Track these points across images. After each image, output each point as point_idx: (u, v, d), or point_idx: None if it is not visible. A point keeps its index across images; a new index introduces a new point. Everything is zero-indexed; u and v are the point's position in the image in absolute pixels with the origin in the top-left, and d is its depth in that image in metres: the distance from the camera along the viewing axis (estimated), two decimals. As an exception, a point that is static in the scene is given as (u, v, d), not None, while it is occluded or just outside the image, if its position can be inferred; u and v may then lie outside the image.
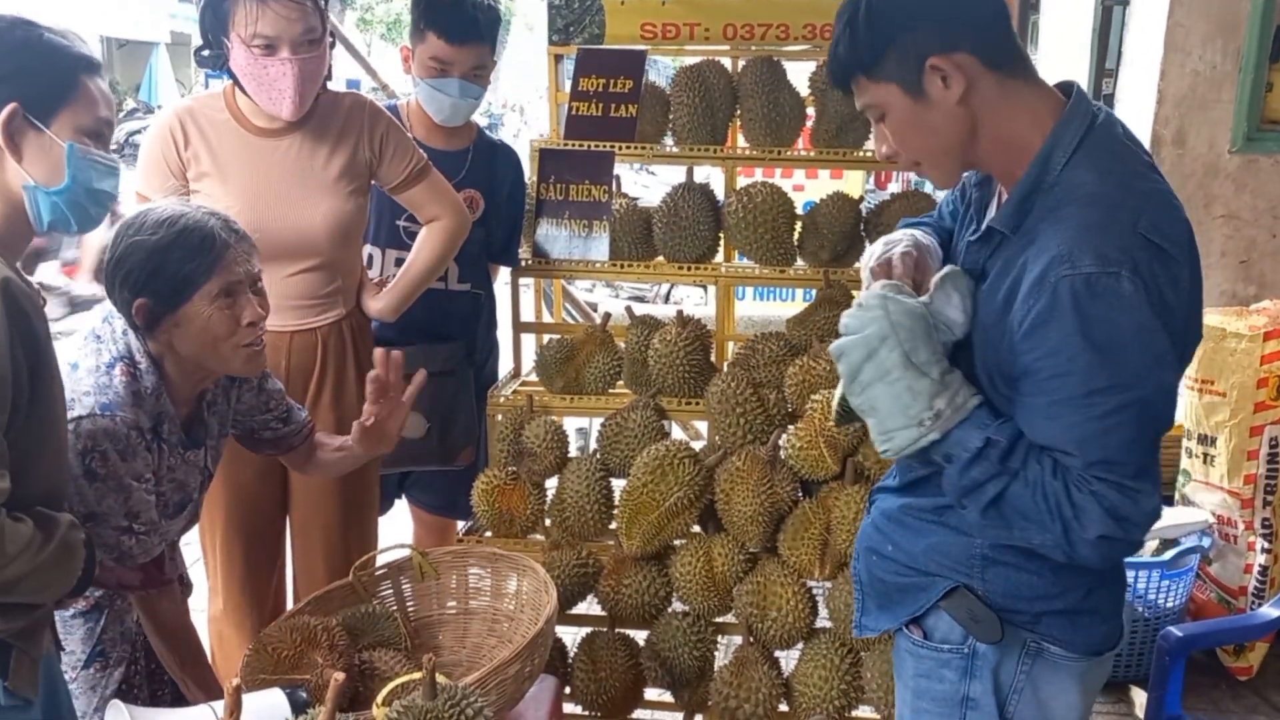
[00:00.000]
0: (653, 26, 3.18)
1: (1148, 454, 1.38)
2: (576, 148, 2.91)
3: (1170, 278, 1.36)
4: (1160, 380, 1.36)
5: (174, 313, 1.84)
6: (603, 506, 2.56)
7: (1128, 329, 1.33)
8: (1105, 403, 1.34)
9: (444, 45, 2.64)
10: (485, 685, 1.67)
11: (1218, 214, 3.86)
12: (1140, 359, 1.34)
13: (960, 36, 1.42)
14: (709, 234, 2.84)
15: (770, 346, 2.66)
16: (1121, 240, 1.34)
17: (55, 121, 1.52)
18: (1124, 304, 1.32)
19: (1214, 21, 3.72)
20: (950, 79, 1.42)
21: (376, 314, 2.57)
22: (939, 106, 1.44)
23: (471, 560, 2.15)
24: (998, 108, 1.45)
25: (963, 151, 1.48)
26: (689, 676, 2.46)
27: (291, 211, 2.35)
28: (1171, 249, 1.37)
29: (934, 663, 1.59)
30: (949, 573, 1.55)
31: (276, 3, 2.20)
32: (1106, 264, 1.33)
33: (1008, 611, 1.53)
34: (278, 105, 2.30)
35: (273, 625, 1.88)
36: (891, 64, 1.44)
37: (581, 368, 2.75)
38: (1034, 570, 1.50)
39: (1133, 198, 1.39)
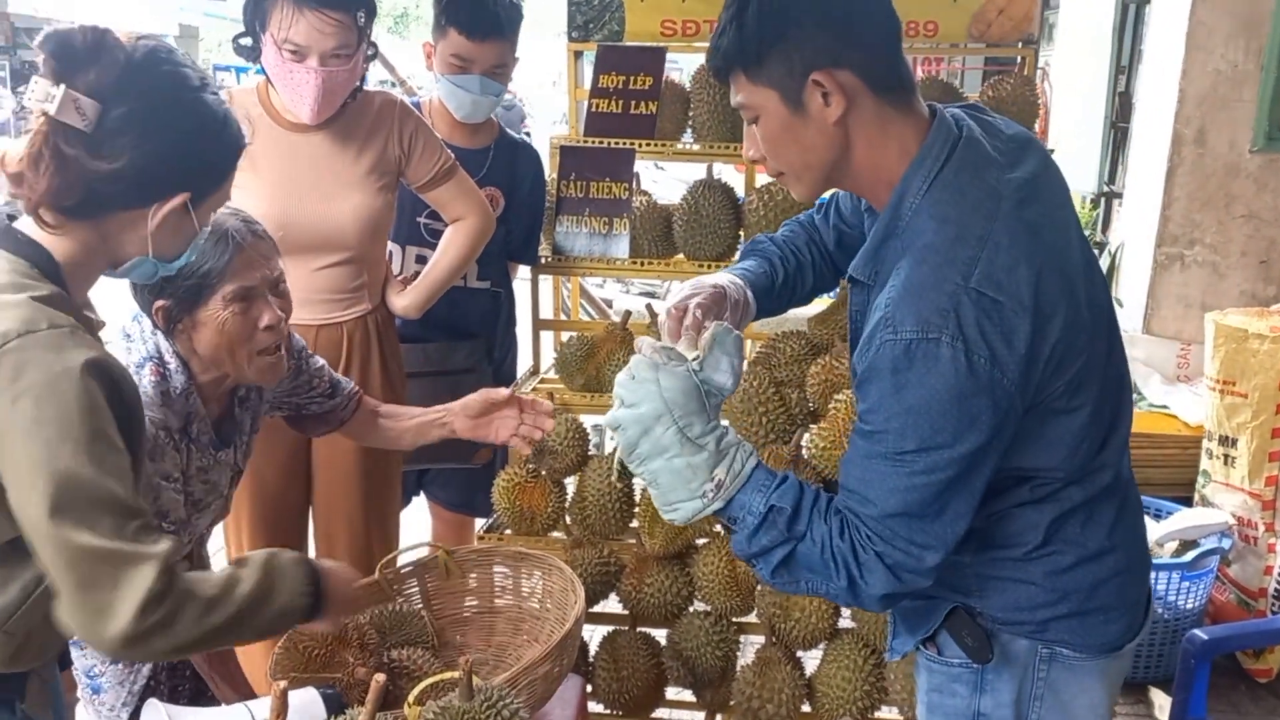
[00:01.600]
0: (673, 23, 3.17)
1: (948, 513, 1.37)
2: (597, 145, 2.90)
3: (1003, 332, 1.31)
4: (973, 445, 1.33)
5: (191, 315, 1.83)
6: (623, 505, 2.56)
7: (943, 394, 1.31)
8: (914, 463, 1.34)
9: (465, 42, 2.64)
10: (515, 685, 1.66)
11: (1238, 213, 3.85)
12: (953, 425, 1.32)
13: (849, 54, 1.37)
14: (729, 231, 2.83)
15: (792, 345, 2.66)
16: (945, 301, 1.31)
17: (202, 205, 1.50)
18: (940, 369, 1.30)
19: (1236, 20, 3.70)
20: (831, 97, 1.37)
21: (401, 311, 2.58)
22: (815, 122, 1.39)
23: (496, 559, 2.14)
24: (872, 134, 1.41)
25: (830, 171, 1.44)
26: (711, 676, 2.46)
27: (321, 205, 2.36)
28: (1007, 301, 1.31)
29: (945, 677, 1.58)
30: (948, 594, 1.54)
31: (312, 14, 2.22)
32: (927, 329, 1.31)
33: (1012, 624, 1.51)
34: (298, 109, 2.32)
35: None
36: (774, 69, 1.39)
37: (602, 365, 2.75)
38: (1028, 580, 1.49)
39: (967, 248, 1.34)
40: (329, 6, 2.22)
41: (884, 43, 1.41)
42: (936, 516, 1.36)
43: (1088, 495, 1.48)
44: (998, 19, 3.10)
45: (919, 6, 3.09)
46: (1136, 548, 1.58)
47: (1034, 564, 1.48)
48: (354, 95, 2.40)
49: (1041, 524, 1.47)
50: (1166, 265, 3.94)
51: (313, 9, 2.21)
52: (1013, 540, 1.48)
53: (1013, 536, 1.48)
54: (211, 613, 1.37)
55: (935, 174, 1.39)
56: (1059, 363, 1.37)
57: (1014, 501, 1.47)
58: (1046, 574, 1.48)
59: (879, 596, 1.40)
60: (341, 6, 2.24)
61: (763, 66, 1.39)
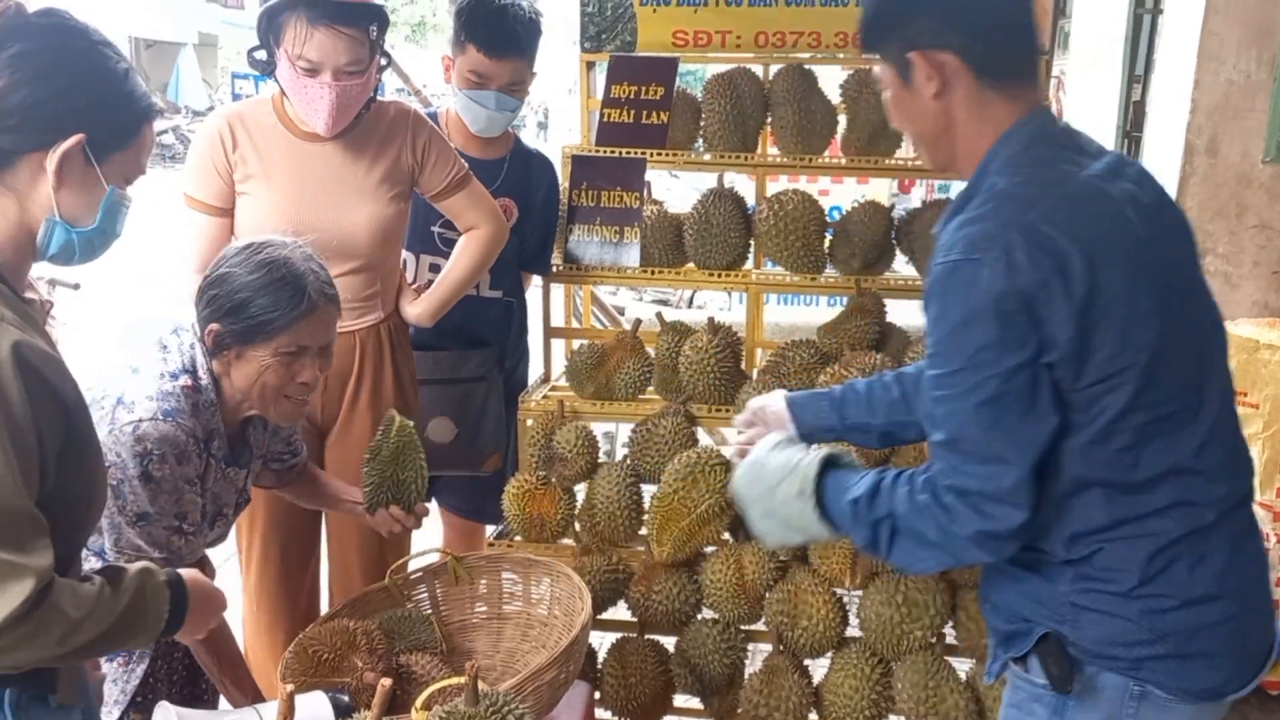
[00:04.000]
0: (685, 34, 3.19)
1: (1007, 433, 1.42)
2: (608, 154, 2.92)
3: (1054, 262, 1.38)
4: (1016, 360, 1.39)
5: (240, 348, 1.91)
6: (633, 512, 2.57)
7: (982, 310, 1.39)
8: (964, 381, 1.42)
9: (483, 59, 2.67)
10: (522, 691, 1.68)
11: (1250, 224, 3.83)
12: (995, 340, 1.39)
13: (951, 37, 1.48)
14: (740, 241, 2.85)
15: (801, 354, 2.67)
16: (996, 229, 1.40)
17: (108, 162, 1.46)
18: (981, 286, 1.38)
19: (1249, 29, 3.69)
20: (930, 75, 1.49)
21: (414, 319, 2.60)
22: (919, 97, 1.52)
23: (505, 565, 2.16)
24: (970, 112, 1.51)
25: (938, 145, 1.57)
26: (718, 684, 2.46)
27: (334, 214, 2.39)
28: (1061, 238, 1.38)
29: (1027, 695, 1.60)
30: (1043, 619, 1.55)
31: (325, 30, 2.24)
32: (972, 250, 1.40)
33: (1103, 658, 1.51)
34: (313, 122, 2.36)
35: (311, 628, 1.90)
36: (888, 46, 1.54)
37: (612, 374, 2.76)
38: (1124, 616, 1.49)
39: (1034, 189, 1.43)
40: (341, 22, 2.25)
41: (994, 30, 1.51)
42: (996, 437, 1.42)
43: (1187, 530, 1.48)
44: (1009, 29, 3.11)
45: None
46: (1254, 594, 1.56)
47: (1132, 602, 1.48)
48: (368, 106, 2.43)
49: (1138, 560, 1.48)
50: (1179, 275, 3.93)
51: (325, 25, 2.24)
52: (1110, 575, 1.49)
53: (1110, 571, 1.49)
54: (77, 632, 1.34)
55: (1022, 148, 1.49)
56: (1115, 338, 1.41)
57: (1103, 526, 1.48)
58: (1144, 613, 1.48)
59: (971, 536, 1.46)
60: (354, 22, 2.26)
61: (879, 43, 1.56)
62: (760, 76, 2.97)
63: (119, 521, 1.83)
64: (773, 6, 3.16)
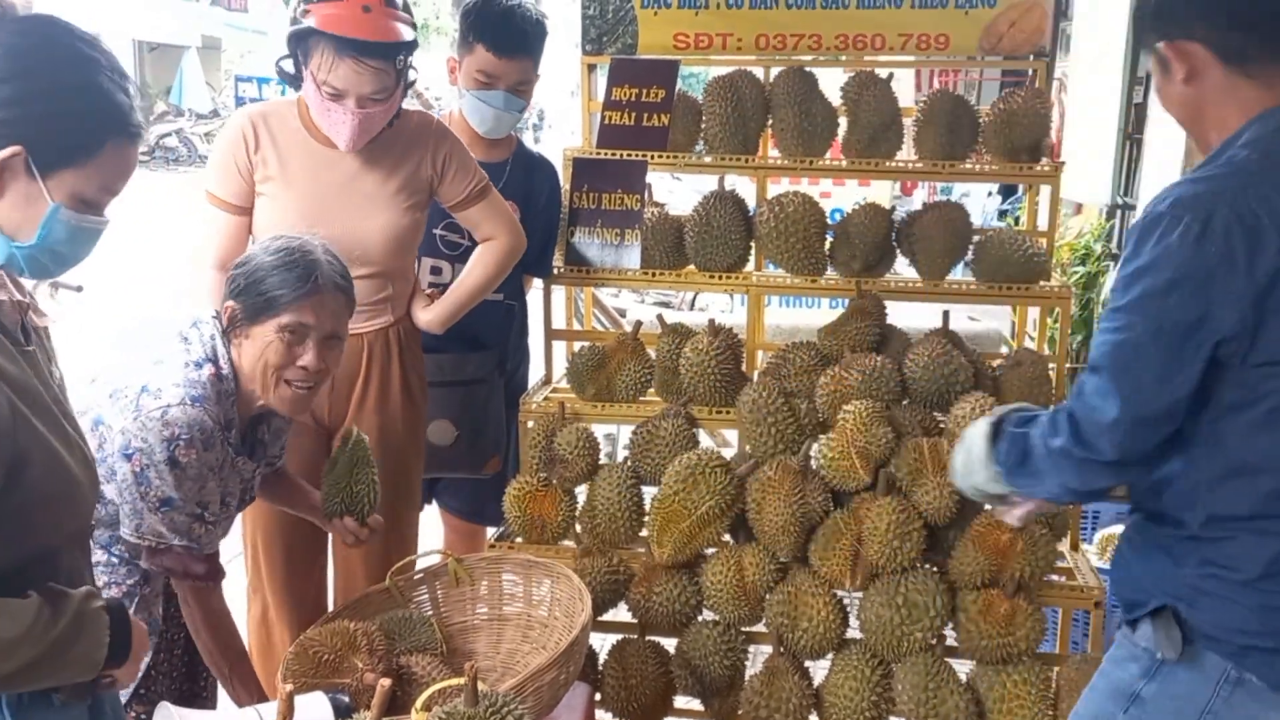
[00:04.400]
0: (685, 37, 3.20)
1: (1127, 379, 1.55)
2: (609, 157, 2.93)
3: (1248, 238, 1.47)
4: (1174, 317, 1.50)
5: (249, 326, 1.96)
6: (634, 514, 2.58)
7: (1162, 262, 1.50)
8: (1119, 318, 1.56)
9: (492, 58, 2.67)
10: (522, 692, 1.69)
11: (1251, 226, 3.83)
12: (1161, 291, 1.51)
13: (1198, 28, 1.60)
14: (740, 243, 2.85)
15: (801, 356, 2.67)
16: (1210, 195, 1.50)
17: (55, 177, 1.37)
18: (1169, 243, 1.49)
19: (1249, 32, 3.69)
20: (1179, 64, 1.61)
21: (425, 325, 2.61)
22: (1174, 83, 1.64)
23: (505, 566, 2.17)
24: (1218, 96, 1.60)
25: (1194, 127, 1.67)
26: (719, 685, 2.47)
27: (348, 221, 2.41)
28: (1266, 219, 1.47)
29: (1126, 652, 1.70)
30: (1162, 594, 1.64)
31: (350, 62, 2.24)
32: (1179, 207, 1.50)
33: (1212, 639, 1.59)
34: (335, 139, 2.38)
35: (312, 629, 1.90)
36: (1149, 37, 1.69)
37: (613, 375, 2.77)
38: (1243, 604, 1.56)
39: (1260, 170, 1.52)
40: (368, 56, 2.24)
41: (1242, 20, 1.59)
42: (1122, 377, 1.54)
43: None
44: (1009, 32, 3.11)
45: (931, 19, 3.11)
46: None
47: (1252, 593, 1.56)
48: (391, 123, 2.43)
49: (1265, 556, 1.55)
50: (1180, 277, 3.93)
51: (352, 57, 2.24)
52: (1235, 564, 1.57)
53: (1235, 559, 1.57)
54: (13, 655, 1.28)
55: (1270, 132, 1.56)
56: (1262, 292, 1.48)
57: (1242, 516, 1.57)
58: (1262, 607, 1.56)
59: (1058, 449, 1.61)
60: (381, 55, 2.26)
61: (1143, 40, 1.79)
62: (761, 79, 2.97)
63: (141, 508, 1.86)
64: (773, 9, 3.17)
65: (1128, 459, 1.58)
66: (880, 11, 3.13)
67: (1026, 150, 2.89)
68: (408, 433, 2.59)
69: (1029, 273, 2.75)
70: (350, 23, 2.23)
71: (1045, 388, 2.63)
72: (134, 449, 1.84)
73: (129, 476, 1.85)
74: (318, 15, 2.24)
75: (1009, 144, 2.88)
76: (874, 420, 2.38)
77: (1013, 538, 2.30)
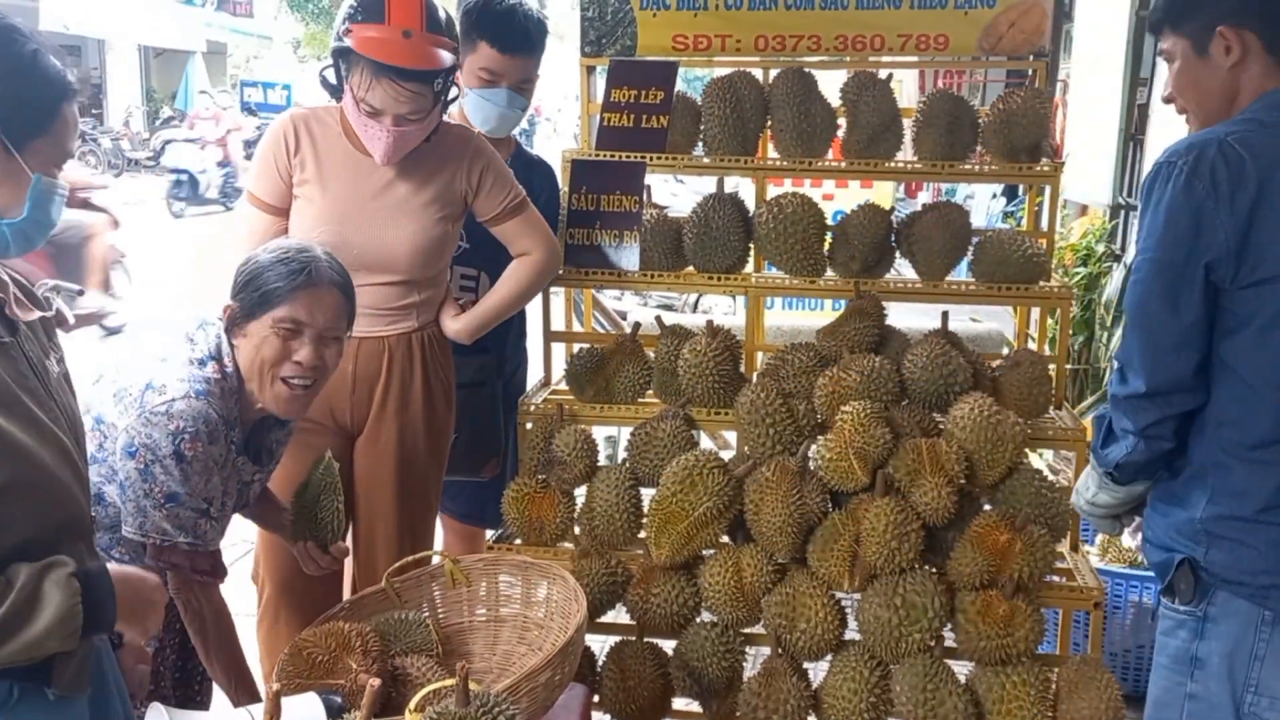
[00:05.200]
0: (684, 38, 3.20)
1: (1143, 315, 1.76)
2: (607, 159, 2.93)
3: (1231, 170, 1.67)
4: (1170, 255, 1.71)
5: (246, 323, 1.97)
6: (632, 516, 2.57)
7: (1163, 208, 1.71)
8: (1139, 265, 1.76)
9: (496, 55, 2.68)
10: (516, 693, 1.68)
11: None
12: (1160, 233, 1.71)
13: (1251, 16, 1.76)
14: (739, 244, 2.85)
15: (800, 357, 2.67)
16: (1201, 139, 1.71)
17: (26, 150, 1.43)
18: (1173, 187, 1.70)
19: (1250, 32, 3.68)
20: (1231, 48, 1.77)
21: (453, 335, 2.61)
22: (1215, 67, 1.80)
23: (502, 568, 2.16)
24: (1257, 85, 1.78)
25: (1217, 111, 1.82)
26: (717, 687, 2.46)
27: (378, 229, 2.42)
28: (1247, 149, 1.68)
29: (1173, 622, 1.84)
30: (1182, 546, 1.80)
31: (387, 85, 2.25)
32: (1173, 155, 1.72)
33: (1234, 583, 1.75)
34: (371, 152, 2.39)
35: (308, 630, 1.90)
36: (1191, 22, 1.82)
37: (611, 377, 2.77)
38: (1252, 544, 1.72)
39: (1254, 123, 1.72)
40: (406, 80, 2.25)
41: None
42: (1140, 315, 1.76)
43: None
44: (1009, 32, 3.11)
45: (930, 20, 3.11)
46: None
47: (1259, 528, 1.72)
48: (428, 139, 2.43)
49: (1269, 486, 1.72)
50: (1182, 277, 3.92)
51: (389, 80, 2.24)
52: (1240, 497, 1.73)
53: (1240, 491, 1.74)
54: None
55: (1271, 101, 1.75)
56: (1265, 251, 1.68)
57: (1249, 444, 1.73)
58: (1269, 543, 1.71)
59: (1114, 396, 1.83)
60: (418, 79, 2.26)
61: (1183, 20, 1.83)
62: (760, 80, 2.97)
63: (145, 505, 1.86)
64: (772, 10, 3.17)
65: (1159, 388, 1.76)
66: (879, 12, 3.13)
67: (1026, 150, 2.88)
68: (428, 438, 2.59)
69: (1028, 273, 2.75)
70: (389, 48, 2.23)
71: (1044, 388, 2.62)
72: (138, 445, 1.84)
73: (133, 474, 1.85)
74: (358, 37, 2.25)
75: (1008, 144, 2.87)
76: (872, 421, 2.37)
77: (1011, 538, 2.29)
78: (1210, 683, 1.78)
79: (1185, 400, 1.78)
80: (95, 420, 1.89)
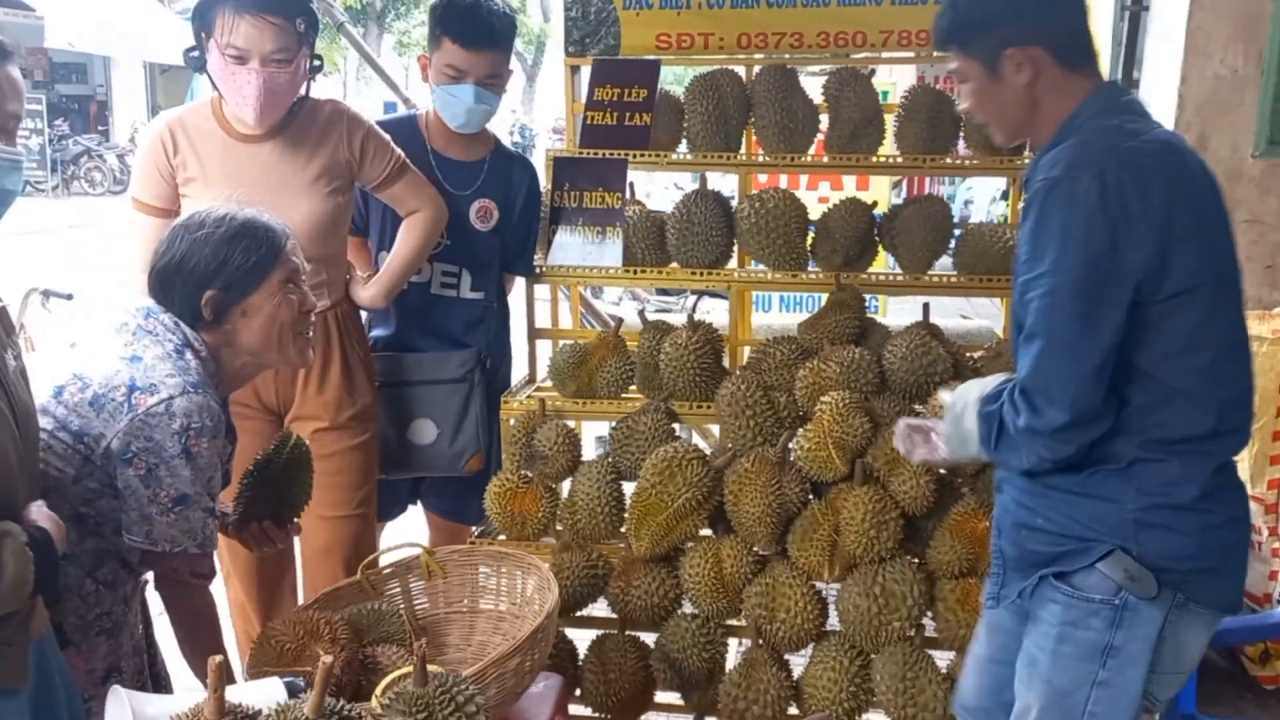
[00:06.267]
0: (668, 37, 3.21)
1: (1062, 339, 1.66)
2: (590, 155, 2.94)
3: (1139, 186, 1.64)
4: (1094, 271, 1.64)
5: (243, 301, 1.91)
6: (614, 509, 2.58)
7: (1073, 225, 1.64)
8: (1042, 285, 1.67)
9: (460, 51, 2.69)
10: (484, 678, 1.68)
11: (1241, 219, 3.81)
12: (1078, 249, 1.64)
13: (1038, 34, 1.78)
14: (722, 240, 2.86)
15: (781, 350, 2.67)
16: (1096, 153, 1.67)
17: None
18: (1076, 199, 1.64)
19: (1235, 25, 3.68)
20: (1022, 67, 1.78)
21: (368, 302, 2.68)
22: (1009, 85, 1.81)
23: (478, 559, 2.16)
24: (1055, 94, 1.79)
25: (1020, 123, 1.86)
26: (698, 679, 2.46)
27: (271, 212, 2.42)
28: (1149, 168, 1.66)
29: (1083, 612, 1.76)
30: (1106, 537, 1.74)
31: (251, 19, 2.34)
32: (1073, 169, 1.66)
33: (1161, 570, 1.71)
34: (242, 111, 2.43)
35: (277, 619, 1.90)
36: (979, 44, 1.82)
37: (594, 372, 2.77)
38: (1183, 533, 1.71)
39: (1121, 133, 1.71)
40: (267, 11, 2.34)
41: (1069, 24, 1.82)
42: (1058, 339, 1.66)
43: (1233, 455, 1.76)
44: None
45: (912, 15, 3.11)
46: (1249, 528, 1.83)
47: (1192, 515, 1.70)
48: (300, 104, 2.51)
49: (1199, 477, 1.71)
50: (1172, 272, 3.91)
51: (252, 13, 2.33)
52: (1173, 488, 1.71)
53: (1173, 483, 1.71)
54: None
55: (1101, 108, 1.77)
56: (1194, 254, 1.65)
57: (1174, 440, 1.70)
58: (1201, 529, 1.71)
59: (1023, 428, 1.71)
60: (279, 11, 2.36)
61: (969, 42, 1.84)
62: (743, 77, 2.98)
63: (150, 512, 1.76)
64: (755, 8, 3.18)
65: (1083, 417, 1.68)
66: (861, 9, 3.13)
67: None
68: (354, 408, 2.63)
69: (1009, 264, 2.73)
70: None
71: (1025, 378, 2.62)
72: (134, 451, 1.74)
73: (133, 482, 1.75)
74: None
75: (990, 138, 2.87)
76: (851, 411, 2.37)
77: (990, 526, 2.28)
78: (1126, 669, 1.75)
79: (1102, 425, 1.71)
80: (76, 436, 1.77)
